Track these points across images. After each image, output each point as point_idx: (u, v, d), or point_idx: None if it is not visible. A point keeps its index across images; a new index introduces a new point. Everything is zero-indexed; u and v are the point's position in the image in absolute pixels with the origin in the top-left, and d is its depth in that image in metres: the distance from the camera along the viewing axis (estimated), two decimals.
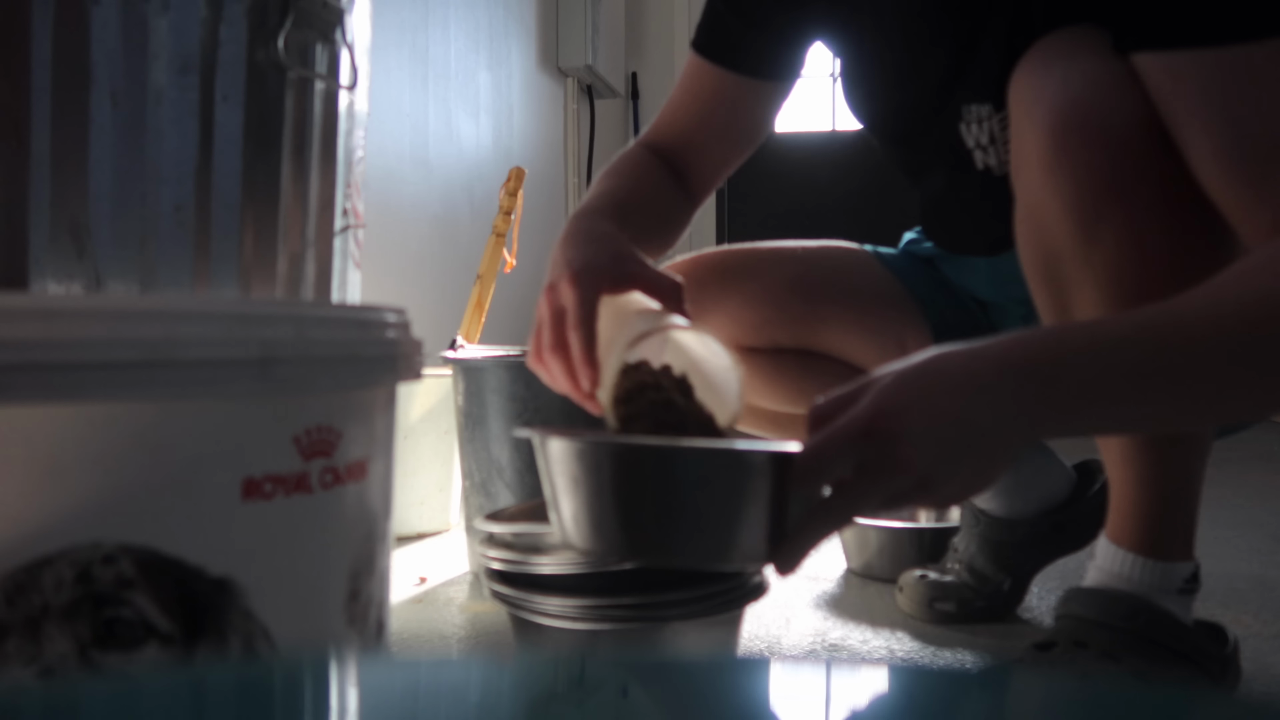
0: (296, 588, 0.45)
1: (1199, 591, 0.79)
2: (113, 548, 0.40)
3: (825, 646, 0.97)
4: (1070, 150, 0.67)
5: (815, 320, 1.01)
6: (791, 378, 1.04)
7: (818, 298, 1.02)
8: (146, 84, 0.90)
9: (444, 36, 2.28)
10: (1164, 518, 0.77)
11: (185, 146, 0.93)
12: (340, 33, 1.08)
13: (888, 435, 0.51)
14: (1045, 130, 0.68)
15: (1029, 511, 1.03)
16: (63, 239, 0.87)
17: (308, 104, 1.04)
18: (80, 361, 0.38)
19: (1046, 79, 0.69)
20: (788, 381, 1.04)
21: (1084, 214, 0.67)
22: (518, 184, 1.45)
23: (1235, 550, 1.34)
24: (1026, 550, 1.03)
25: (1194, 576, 0.79)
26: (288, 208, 1.03)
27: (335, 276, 1.12)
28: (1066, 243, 0.69)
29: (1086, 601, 0.79)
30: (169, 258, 0.93)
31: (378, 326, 0.50)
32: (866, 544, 1.23)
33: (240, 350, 0.42)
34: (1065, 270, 0.71)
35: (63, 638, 0.39)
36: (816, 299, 1.02)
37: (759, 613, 1.08)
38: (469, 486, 1.26)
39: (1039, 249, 0.72)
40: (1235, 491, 1.76)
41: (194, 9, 0.92)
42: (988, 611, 1.04)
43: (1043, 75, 0.69)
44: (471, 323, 1.43)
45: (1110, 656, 0.76)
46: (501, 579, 0.84)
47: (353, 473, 0.48)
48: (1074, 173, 0.67)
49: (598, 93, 3.37)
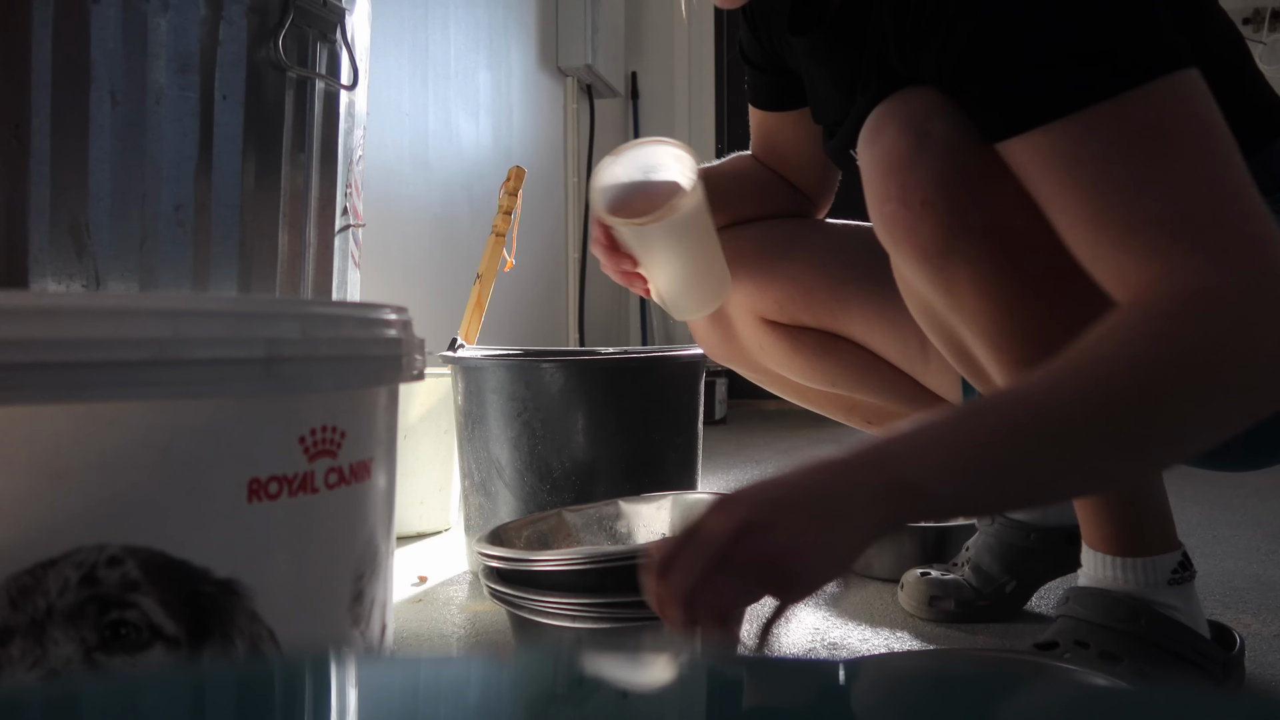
0: (302, 589, 0.45)
1: (1194, 578, 0.80)
2: (118, 549, 0.39)
3: (825, 645, 0.97)
4: (890, 220, 0.70)
5: (838, 307, 1.01)
6: (809, 357, 1.04)
7: (843, 285, 1.01)
8: (146, 84, 0.90)
9: (444, 36, 2.28)
10: (1128, 517, 0.78)
11: (185, 146, 0.93)
12: (340, 33, 1.08)
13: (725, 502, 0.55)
14: (871, 202, 0.72)
15: (1048, 521, 1.03)
16: (63, 239, 0.87)
17: (308, 104, 1.04)
18: (84, 361, 0.38)
19: (870, 151, 0.71)
20: (804, 360, 1.04)
21: (926, 272, 0.71)
22: (517, 183, 1.45)
23: (1235, 550, 1.34)
24: (1037, 557, 1.03)
25: (1182, 565, 0.79)
26: (288, 208, 1.03)
27: (335, 276, 1.12)
28: (926, 292, 0.73)
29: (1087, 602, 0.80)
30: (169, 258, 0.92)
31: (381, 325, 0.50)
32: None
33: (245, 349, 0.41)
34: (937, 313, 0.75)
35: (67, 640, 0.39)
36: (841, 286, 1.01)
37: (759, 612, 1.08)
38: (468, 486, 1.26)
39: (909, 296, 0.78)
40: (1235, 491, 1.77)
41: (194, 9, 0.92)
42: (989, 612, 1.04)
43: (867, 149, 0.72)
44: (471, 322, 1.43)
45: (1111, 657, 0.77)
46: (500, 578, 0.84)
47: (357, 473, 0.48)
48: (901, 241, 0.70)
49: (597, 92, 3.37)
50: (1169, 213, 0.57)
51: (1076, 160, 0.60)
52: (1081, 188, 0.60)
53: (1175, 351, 0.55)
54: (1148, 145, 0.58)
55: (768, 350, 1.05)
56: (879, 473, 0.55)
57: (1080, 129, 0.59)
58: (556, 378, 1.17)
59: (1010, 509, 0.72)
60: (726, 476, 2.04)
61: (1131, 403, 0.55)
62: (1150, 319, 0.56)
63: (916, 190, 0.68)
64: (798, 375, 1.07)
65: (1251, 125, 0.78)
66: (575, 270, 3.21)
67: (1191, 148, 0.58)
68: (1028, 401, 0.56)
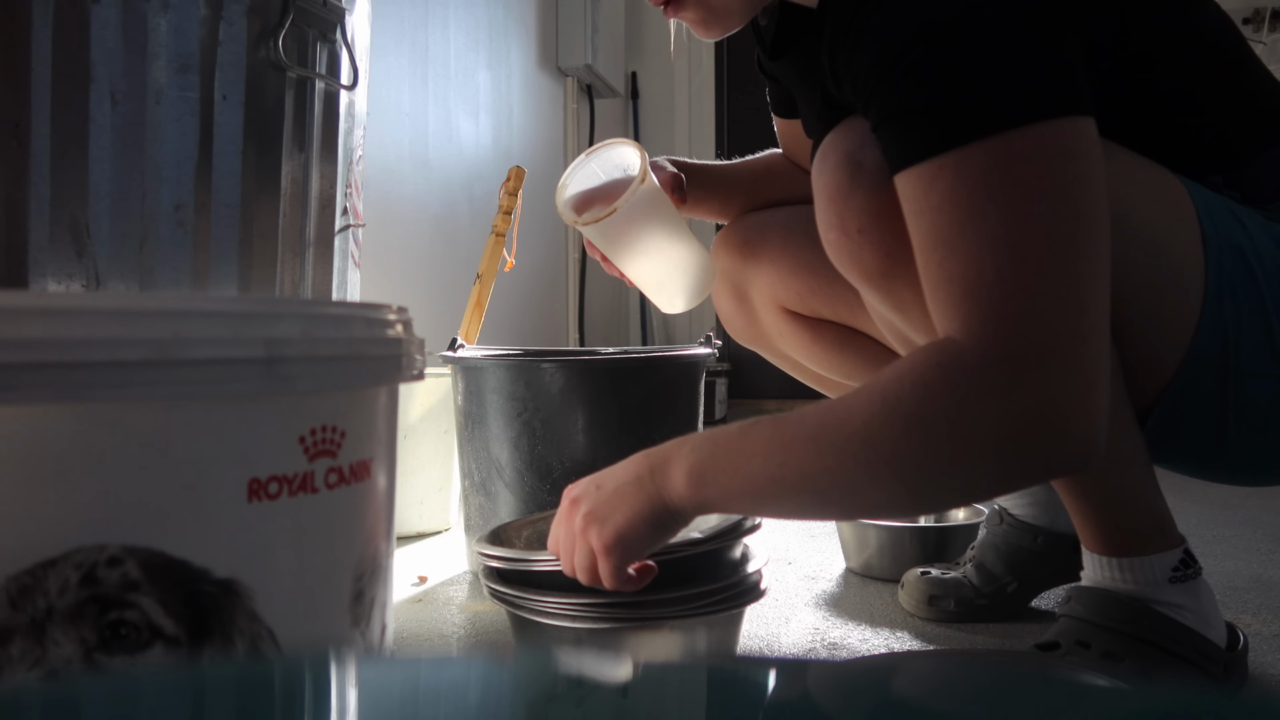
0: (302, 589, 0.45)
1: (1198, 575, 0.79)
2: (118, 549, 0.39)
3: (825, 645, 0.97)
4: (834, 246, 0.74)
5: (857, 303, 1.01)
6: (827, 349, 1.05)
7: None
8: (146, 84, 0.90)
9: (444, 36, 2.28)
10: (1120, 518, 0.78)
11: (185, 146, 0.93)
12: (340, 33, 1.08)
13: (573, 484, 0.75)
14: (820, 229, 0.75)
15: (1056, 525, 1.03)
16: (63, 239, 0.87)
17: (308, 104, 1.04)
18: (84, 361, 0.38)
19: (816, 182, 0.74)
20: (823, 352, 1.05)
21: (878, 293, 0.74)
22: (517, 183, 1.45)
23: (1235, 550, 1.34)
24: (1041, 560, 1.03)
25: (1184, 562, 0.78)
26: (288, 208, 1.03)
27: (335, 276, 1.12)
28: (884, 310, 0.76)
29: (1089, 602, 0.79)
30: (169, 258, 0.92)
31: (381, 325, 0.50)
32: (866, 543, 1.23)
33: (245, 349, 0.41)
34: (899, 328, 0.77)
35: (67, 640, 0.39)
36: None
37: (758, 612, 1.08)
38: (468, 486, 1.26)
39: (874, 313, 0.80)
40: (1235, 491, 1.76)
41: (194, 9, 0.92)
42: (989, 611, 1.04)
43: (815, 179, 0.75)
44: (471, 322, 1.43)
45: (1113, 657, 0.77)
46: (500, 578, 0.84)
47: (357, 473, 0.48)
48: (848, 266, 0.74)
49: (597, 92, 3.37)
50: (966, 274, 0.59)
51: (921, 209, 0.62)
52: (919, 237, 0.62)
53: (895, 408, 0.59)
54: (972, 202, 0.59)
55: (788, 339, 1.06)
56: (650, 466, 0.69)
57: (928, 178, 0.61)
58: (556, 378, 1.17)
59: (757, 515, 0.77)
60: None
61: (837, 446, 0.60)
62: (898, 376, 0.60)
63: (853, 219, 0.71)
64: (816, 365, 1.08)
65: (1254, 127, 0.77)
66: (575, 270, 3.21)
67: (1012, 210, 0.58)
68: (780, 429, 0.64)
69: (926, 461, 0.59)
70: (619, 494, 0.69)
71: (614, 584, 0.70)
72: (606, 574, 0.70)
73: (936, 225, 0.60)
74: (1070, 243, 0.58)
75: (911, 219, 0.63)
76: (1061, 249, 0.58)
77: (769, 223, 1.04)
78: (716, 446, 0.66)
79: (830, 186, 0.73)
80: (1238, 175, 0.76)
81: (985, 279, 0.58)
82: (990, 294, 0.58)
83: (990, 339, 0.58)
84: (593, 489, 0.72)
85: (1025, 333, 0.57)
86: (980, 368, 0.58)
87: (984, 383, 0.57)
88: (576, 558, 0.71)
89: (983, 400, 0.57)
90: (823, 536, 1.47)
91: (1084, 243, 0.58)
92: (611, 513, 0.69)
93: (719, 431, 0.67)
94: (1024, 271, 0.58)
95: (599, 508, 0.70)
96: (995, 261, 0.58)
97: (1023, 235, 0.58)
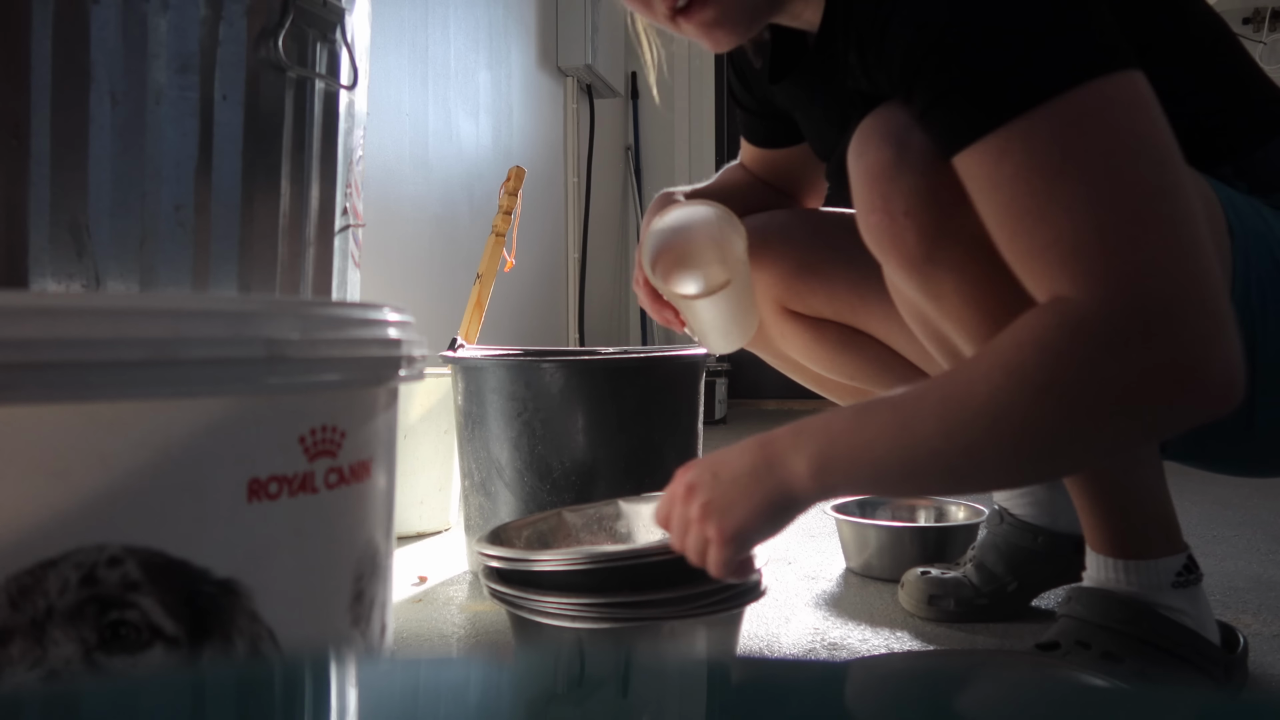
0: (302, 589, 0.45)
1: (1200, 581, 0.79)
2: (118, 549, 0.39)
3: (825, 645, 0.97)
4: (875, 230, 0.72)
5: (859, 303, 1.01)
6: (829, 349, 1.04)
7: (866, 281, 1.01)
8: (146, 84, 0.90)
9: (444, 36, 2.28)
10: (1128, 521, 0.78)
11: (185, 146, 0.93)
12: (340, 33, 1.08)
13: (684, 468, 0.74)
14: (858, 212, 0.73)
15: (1057, 526, 1.03)
16: (63, 238, 0.87)
17: (308, 104, 1.04)
18: (84, 361, 0.38)
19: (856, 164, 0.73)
20: (825, 352, 1.04)
21: (913, 279, 0.72)
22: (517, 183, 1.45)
23: (1235, 550, 1.34)
24: (1042, 561, 1.03)
25: (1187, 568, 0.79)
26: (288, 208, 1.03)
27: (335, 276, 1.12)
28: (915, 298, 0.75)
29: (1089, 602, 0.79)
30: (169, 257, 0.92)
31: (381, 325, 0.50)
32: (866, 543, 1.23)
33: (245, 349, 0.41)
34: (928, 318, 0.76)
35: (67, 641, 0.39)
36: (864, 282, 1.01)
37: (758, 612, 1.08)
38: (468, 486, 1.26)
39: (901, 301, 0.79)
40: (1235, 491, 1.77)
41: (194, 9, 0.92)
42: (989, 611, 1.04)
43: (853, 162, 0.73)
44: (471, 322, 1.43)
45: (1113, 658, 0.77)
46: (500, 578, 0.84)
47: (357, 473, 0.48)
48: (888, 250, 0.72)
49: (597, 92, 3.37)
50: (1062, 237, 0.58)
51: (994, 184, 0.61)
52: (997, 211, 0.61)
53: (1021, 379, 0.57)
54: (1050, 166, 0.58)
55: (789, 339, 1.06)
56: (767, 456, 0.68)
57: (995, 151, 0.60)
58: (556, 378, 1.17)
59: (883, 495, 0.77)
60: None
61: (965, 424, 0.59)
62: (1016, 344, 0.58)
63: (898, 200, 0.69)
64: (817, 366, 1.07)
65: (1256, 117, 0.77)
66: (575, 270, 3.21)
67: (1095, 166, 0.57)
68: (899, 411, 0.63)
69: (1065, 429, 0.57)
70: (737, 485, 0.69)
71: (724, 573, 0.71)
72: (720, 563, 0.70)
73: (1017, 196, 0.59)
74: (1162, 186, 0.57)
75: (983, 196, 0.61)
76: (1156, 194, 0.57)
77: (768, 224, 1.04)
78: (834, 433, 0.65)
79: (874, 167, 0.71)
80: (1244, 165, 0.76)
81: (1087, 237, 0.57)
82: (1098, 250, 0.56)
83: (1109, 294, 0.56)
84: (709, 476, 0.71)
85: (1144, 283, 0.55)
86: (1106, 325, 0.55)
87: (1114, 340, 0.55)
88: (690, 542, 0.71)
89: (1116, 358, 0.55)
90: (823, 536, 1.47)
91: (1174, 185, 0.57)
92: (731, 505, 0.69)
93: (832, 417, 0.66)
94: (1127, 222, 0.56)
95: (718, 499, 0.69)
96: (1094, 218, 0.57)
97: (1114, 187, 0.57)
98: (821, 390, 1.14)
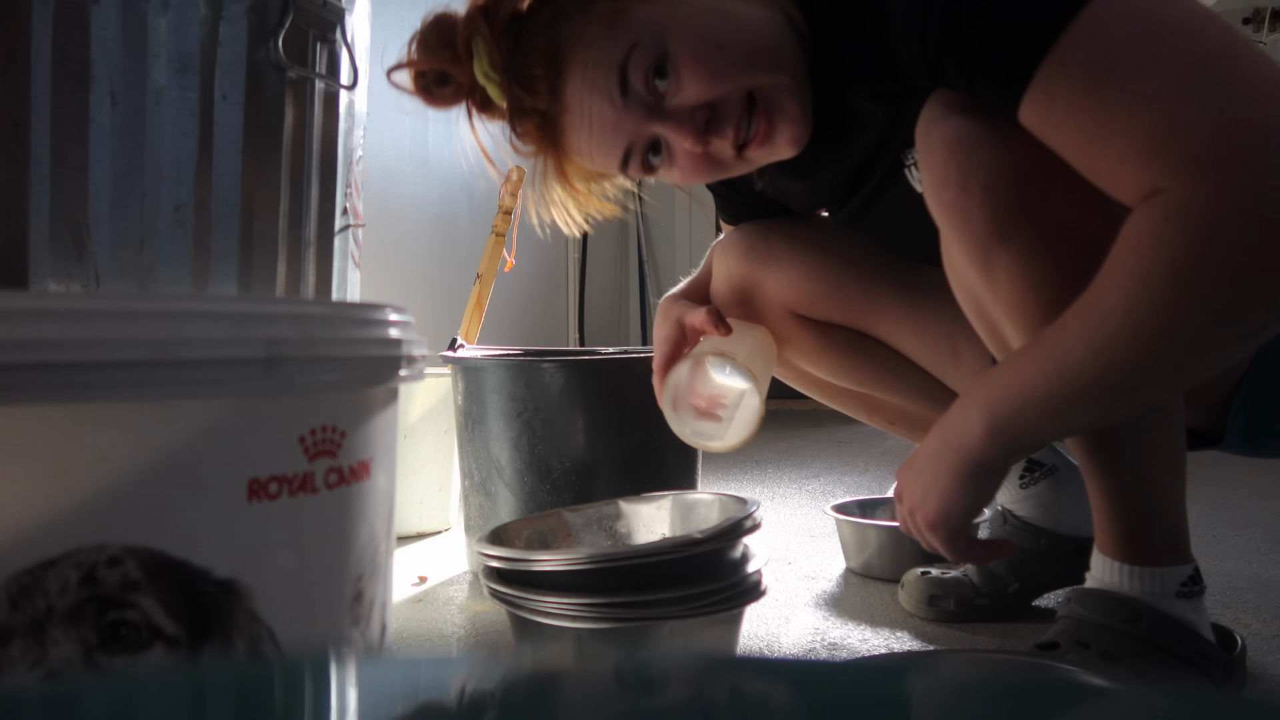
0: (302, 589, 0.45)
1: (1203, 593, 0.79)
2: (118, 549, 0.39)
3: (825, 645, 0.97)
4: (949, 206, 0.71)
5: (869, 306, 1.00)
6: (838, 354, 1.03)
7: (876, 285, 1.01)
8: (146, 84, 0.90)
9: None
10: (1143, 528, 0.78)
11: (185, 146, 0.93)
12: (340, 33, 1.08)
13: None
14: (929, 187, 0.72)
15: (1060, 528, 1.03)
16: (63, 239, 0.87)
17: (308, 104, 1.04)
18: (84, 361, 0.38)
19: (931, 137, 0.72)
20: (833, 357, 1.03)
21: (976, 259, 0.72)
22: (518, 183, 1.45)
23: (1235, 550, 1.34)
24: (1044, 562, 1.03)
25: (1192, 579, 0.79)
26: (288, 208, 1.03)
27: (335, 276, 1.12)
28: (973, 280, 0.74)
29: (1089, 603, 0.79)
30: (169, 257, 0.93)
31: (381, 325, 0.50)
32: (866, 543, 1.23)
33: (245, 349, 0.41)
34: (983, 302, 0.76)
35: (67, 641, 0.39)
36: (874, 285, 1.01)
37: (758, 612, 1.08)
38: (468, 486, 1.26)
39: (958, 283, 0.78)
40: (1235, 491, 1.77)
41: (194, 9, 0.92)
42: (989, 611, 1.04)
43: (928, 135, 0.72)
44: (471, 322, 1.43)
45: (1112, 658, 0.77)
46: (500, 578, 0.84)
47: (357, 473, 0.48)
48: (957, 227, 0.71)
49: None
50: (1139, 137, 0.57)
51: (1060, 116, 0.61)
52: (1071, 139, 0.61)
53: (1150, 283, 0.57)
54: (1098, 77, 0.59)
55: (797, 343, 1.05)
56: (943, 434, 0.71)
57: (1044, 89, 0.61)
58: (556, 378, 1.17)
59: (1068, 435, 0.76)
60: (726, 476, 2.04)
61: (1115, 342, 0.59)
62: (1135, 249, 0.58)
63: (978, 174, 0.69)
64: (825, 372, 1.06)
65: None
66: (575, 270, 3.21)
67: (1136, 62, 0.57)
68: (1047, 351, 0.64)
69: (1209, 317, 0.57)
70: (926, 474, 0.73)
71: (956, 557, 0.75)
72: (944, 550, 0.74)
73: (1082, 118, 0.59)
74: (1219, 48, 0.57)
75: (1054, 134, 0.62)
76: (1216, 61, 0.56)
77: (773, 228, 1.03)
78: (994, 387, 0.67)
79: (951, 140, 0.69)
80: None
81: (1163, 127, 0.56)
82: (1183, 133, 0.56)
83: (1210, 169, 0.55)
84: (908, 475, 0.75)
85: (1242, 147, 0.54)
86: (1219, 199, 0.55)
87: (1232, 211, 0.54)
88: (922, 540, 0.77)
89: (1241, 228, 0.54)
90: (823, 536, 1.47)
91: (1222, 43, 0.57)
92: (926, 494, 0.73)
93: (989, 374, 0.68)
94: (1189, 99, 0.56)
95: (917, 492, 0.74)
96: (1157, 109, 0.56)
97: (1162, 70, 0.57)
98: (825, 399, 1.14)
